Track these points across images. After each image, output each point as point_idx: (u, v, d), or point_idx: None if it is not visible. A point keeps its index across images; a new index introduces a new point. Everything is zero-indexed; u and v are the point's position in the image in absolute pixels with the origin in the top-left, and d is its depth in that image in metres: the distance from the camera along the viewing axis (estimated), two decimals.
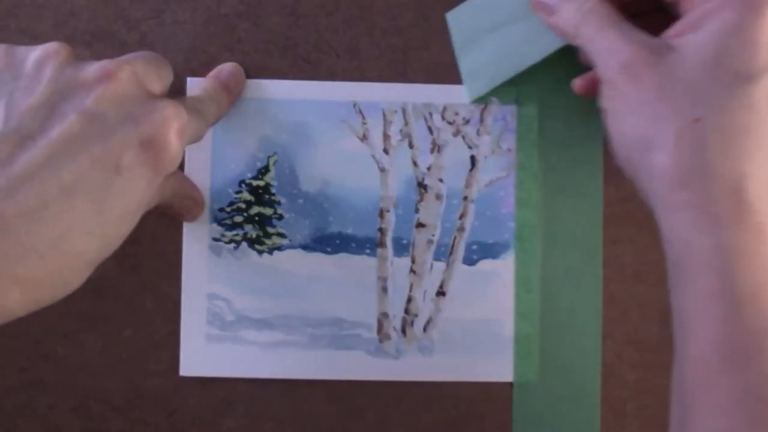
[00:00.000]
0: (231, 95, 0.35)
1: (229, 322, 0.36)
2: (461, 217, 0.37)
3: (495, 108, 0.37)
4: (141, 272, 0.36)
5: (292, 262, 0.36)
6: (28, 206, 0.25)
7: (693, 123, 0.27)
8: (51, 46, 0.28)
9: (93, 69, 0.28)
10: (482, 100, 0.37)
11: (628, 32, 0.30)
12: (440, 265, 0.37)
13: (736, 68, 0.27)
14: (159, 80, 0.30)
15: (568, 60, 0.36)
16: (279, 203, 0.37)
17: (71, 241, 0.26)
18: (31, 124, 0.26)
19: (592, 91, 0.33)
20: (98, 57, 0.36)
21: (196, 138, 0.31)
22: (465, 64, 0.36)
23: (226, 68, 0.36)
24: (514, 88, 0.37)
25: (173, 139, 0.28)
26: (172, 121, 0.28)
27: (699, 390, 0.27)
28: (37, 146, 0.26)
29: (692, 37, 0.28)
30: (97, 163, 0.26)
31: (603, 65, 0.30)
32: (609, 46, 0.30)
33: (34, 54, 0.28)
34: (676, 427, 0.28)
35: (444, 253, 0.37)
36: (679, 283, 0.28)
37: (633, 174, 0.30)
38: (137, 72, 0.29)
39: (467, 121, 0.37)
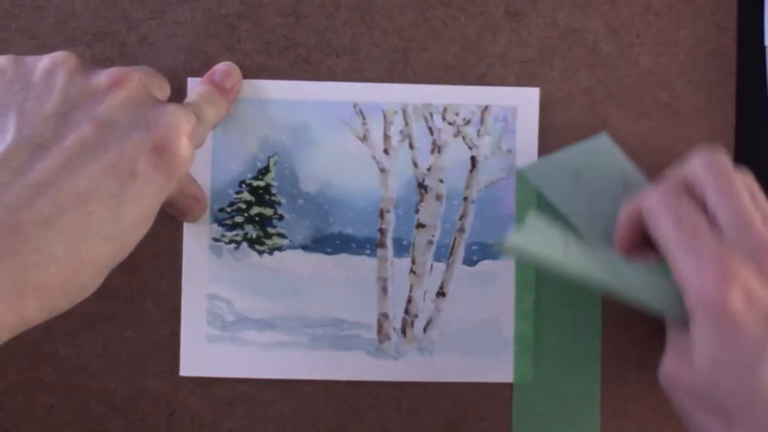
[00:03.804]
0: (228, 95, 0.35)
1: (229, 323, 0.36)
2: (461, 217, 0.37)
3: (495, 109, 0.37)
4: (141, 272, 0.36)
5: (293, 262, 0.36)
6: (45, 214, 0.25)
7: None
8: (59, 55, 0.29)
9: (103, 77, 0.28)
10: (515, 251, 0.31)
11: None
12: (440, 266, 0.37)
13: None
14: (160, 90, 0.31)
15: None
16: (279, 203, 0.37)
17: (88, 247, 0.26)
18: (44, 132, 0.26)
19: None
20: (98, 57, 0.36)
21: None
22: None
23: (220, 69, 0.35)
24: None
25: (185, 143, 0.28)
26: (183, 124, 0.28)
27: None
28: (52, 154, 0.26)
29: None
30: (111, 169, 0.26)
31: None
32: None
33: (42, 63, 0.28)
34: None
35: (444, 253, 0.37)
36: None
37: None
38: (143, 79, 0.29)
39: (467, 122, 0.37)
